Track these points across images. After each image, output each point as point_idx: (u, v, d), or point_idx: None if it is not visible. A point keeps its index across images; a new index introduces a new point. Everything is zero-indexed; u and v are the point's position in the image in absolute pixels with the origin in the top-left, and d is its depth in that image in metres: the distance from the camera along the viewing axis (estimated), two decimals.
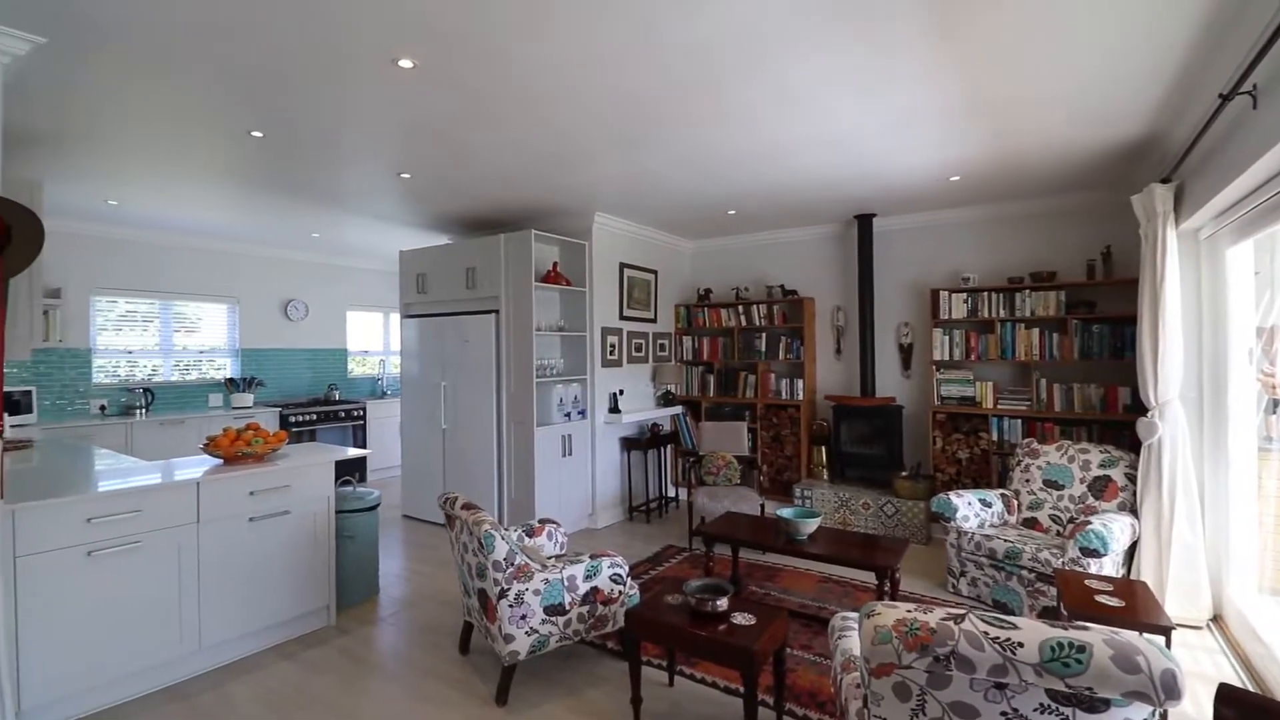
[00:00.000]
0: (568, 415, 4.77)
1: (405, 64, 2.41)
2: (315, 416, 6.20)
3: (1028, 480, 3.73)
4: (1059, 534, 3.47)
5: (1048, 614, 3.08)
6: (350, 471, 6.55)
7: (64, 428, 4.70)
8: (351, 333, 7.20)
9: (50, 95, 2.70)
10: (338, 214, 4.88)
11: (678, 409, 5.63)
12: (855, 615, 2.03)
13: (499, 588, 2.44)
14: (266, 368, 6.40)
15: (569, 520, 4.75)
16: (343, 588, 3.42)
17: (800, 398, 5.19)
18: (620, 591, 2.67)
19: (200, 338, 6.00)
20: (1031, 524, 3.60)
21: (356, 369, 7.28)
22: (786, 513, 3.19)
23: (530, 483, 4.48)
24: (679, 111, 2.88)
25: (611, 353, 5.10)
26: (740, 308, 5.53)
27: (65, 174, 3.79)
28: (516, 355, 4.58)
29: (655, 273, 5.63)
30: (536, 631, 2.46)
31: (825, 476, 5.09)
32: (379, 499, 3.71)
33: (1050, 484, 3.64)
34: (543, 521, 3.17)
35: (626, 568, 2.72)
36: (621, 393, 5.16)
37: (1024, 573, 3.19)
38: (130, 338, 5.55)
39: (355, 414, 6.55)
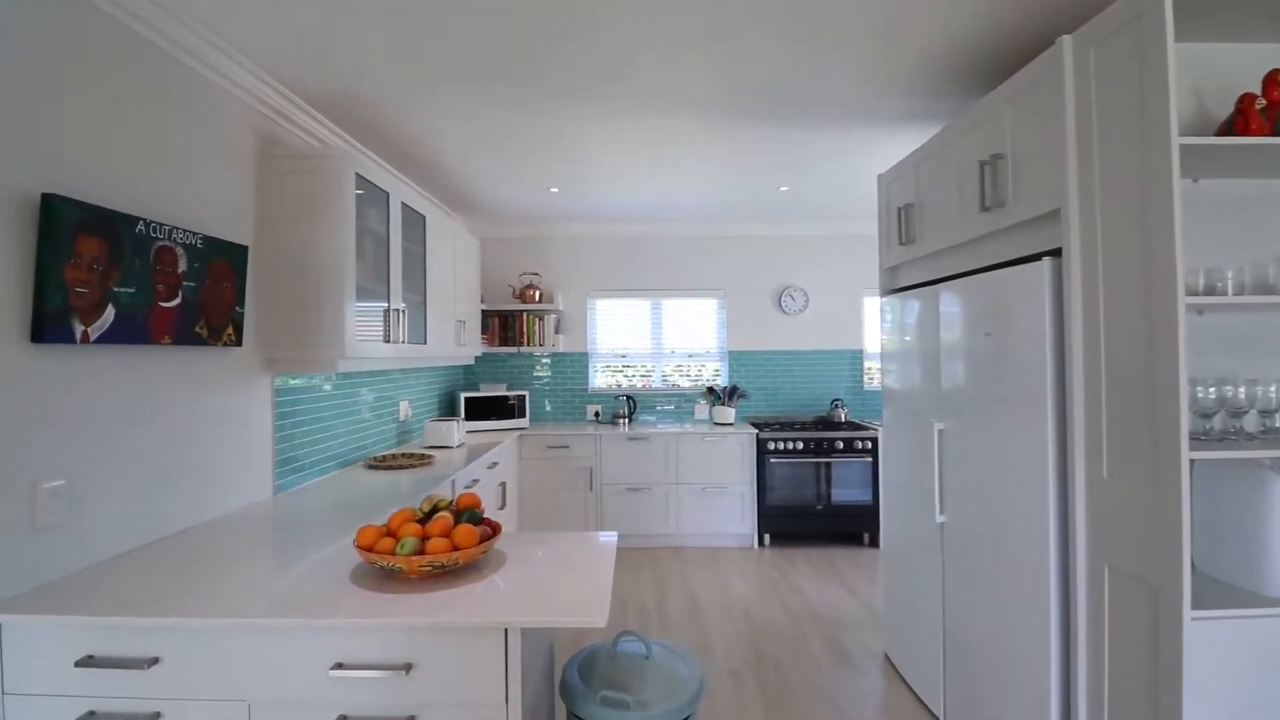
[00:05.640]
0: None
1: None
2: (802, 445, 4.44)
3: None
4: None
5: None
6: (860, 528, 4.53)
7: (544, 434, 4.51)
8: (869, 328, 5.11)
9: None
10: (792, 130, 2.97)
11: None
12: None
13: None
14: (755, 373, 5.08)
15: None
16: None
17: None
18: None
19: (689, 340, 5.17)
20: None
21: (876, 378, 5.14)
22: None
23: None
24: None
25: None
26: None
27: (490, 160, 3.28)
28: (1124, 368, 1.56)
29: None
30: None
31: None
32: (698, 689, 1.62)
33: None
34: None
35: None
36: None
37: None
38: (624, 340, 5.16)
39: (859, 445, 4.45)
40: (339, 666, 1.34)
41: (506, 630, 1.35)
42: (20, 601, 1.39)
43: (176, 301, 1.89)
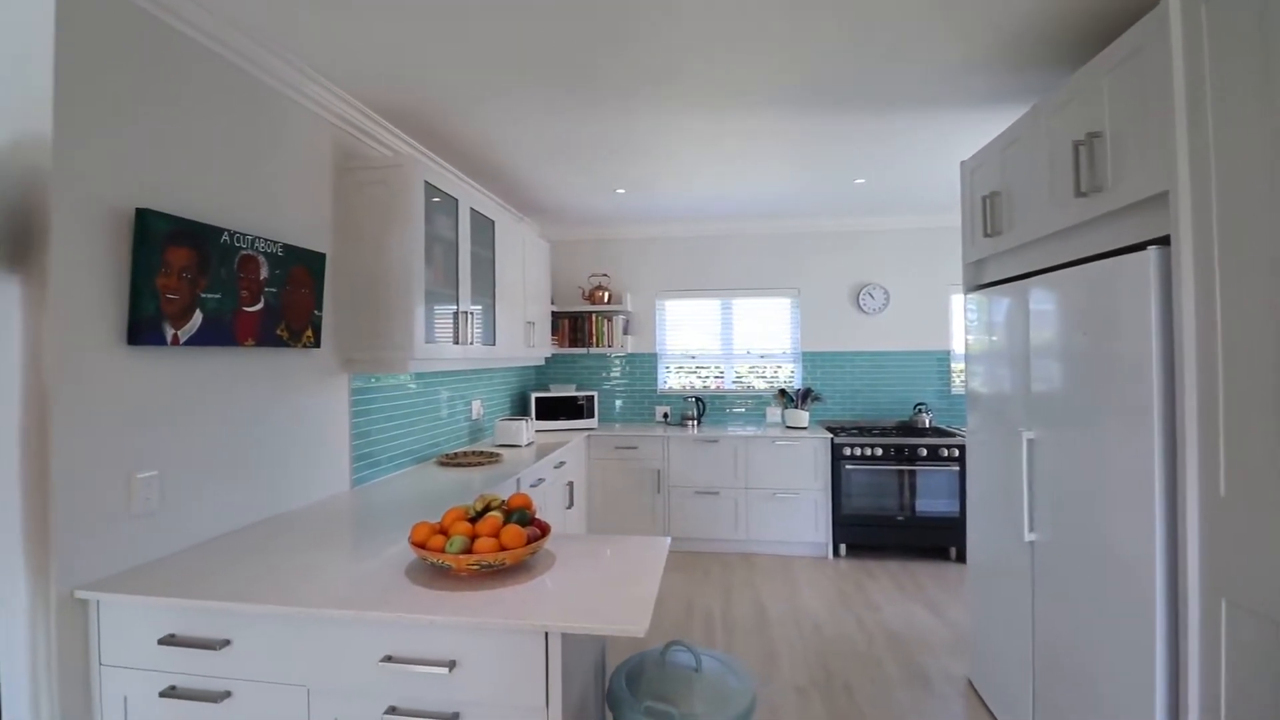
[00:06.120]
0: None
1: None
2: (881, 452, 4.21)
3: None
4: None
5: None
6: (945, 542, 4.23)
7: (612, 435, 4.53)
8: (957, 327, 4.78)
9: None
10: (867, 118, 2.83)
11: None
12: None
13: None
14: (831, 376, 4.86)
15: None
16: None
17: None
18: None
19: (762, 340, 5.03)
20: None
21: (962, 381, 4.79)
22: None
23: None
24: None
25: None
26: None
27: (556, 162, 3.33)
28: (1246, 373, 1.34)
29: None
30: None
31: None
32: (749, 704, 1.55)
33: None
34: None
35: None
36: None
37: None
38: (695, 340, 5.10)
39: (945, 453, 4.16)
40: (388, 659, 1.38)
41: (547, 634, 1.34)
42: (115, 581, 1.53)
43: (259, 306, 2.03)
